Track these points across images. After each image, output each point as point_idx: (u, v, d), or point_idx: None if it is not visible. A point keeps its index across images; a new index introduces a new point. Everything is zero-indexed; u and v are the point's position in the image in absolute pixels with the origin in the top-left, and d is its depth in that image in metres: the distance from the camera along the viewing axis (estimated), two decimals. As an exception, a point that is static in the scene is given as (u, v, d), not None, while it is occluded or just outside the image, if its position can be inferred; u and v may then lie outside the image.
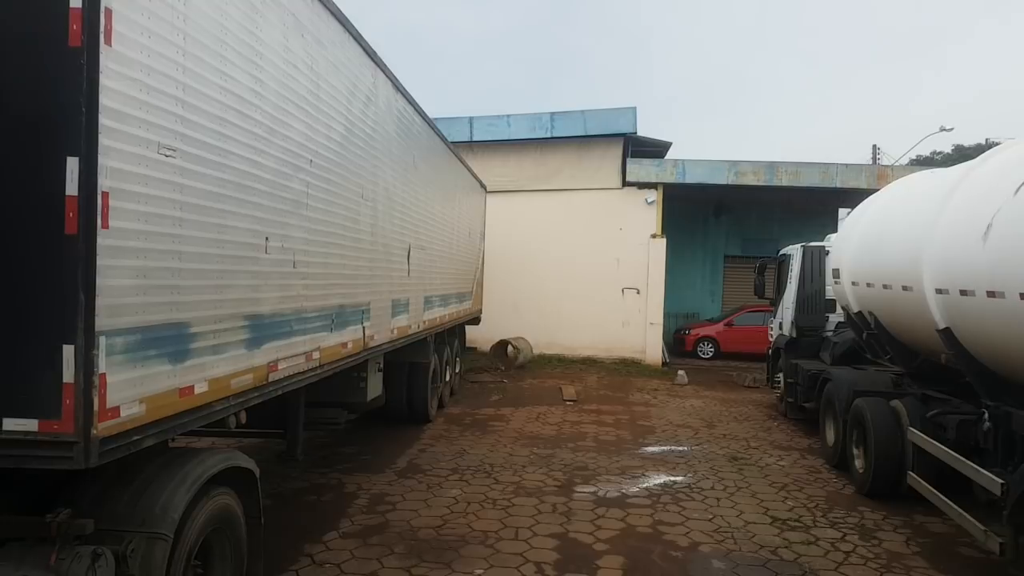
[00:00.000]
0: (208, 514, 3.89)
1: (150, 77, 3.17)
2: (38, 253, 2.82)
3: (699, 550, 6.03)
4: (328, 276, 5.67)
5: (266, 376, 4.52)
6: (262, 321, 4.41)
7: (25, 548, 3.22)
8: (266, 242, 4.44)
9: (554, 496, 7.38)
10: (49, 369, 2.81)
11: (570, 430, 10.71)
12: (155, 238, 3.24)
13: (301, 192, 4.98)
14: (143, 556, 3.39)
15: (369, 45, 6.47)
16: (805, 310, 11.59)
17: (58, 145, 2.80)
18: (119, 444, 3.06)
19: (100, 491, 3.51)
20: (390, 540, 6.05)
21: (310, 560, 5.58)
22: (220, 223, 3.84)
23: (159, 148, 3.25)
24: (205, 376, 3.74)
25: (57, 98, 2.80)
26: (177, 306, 3.45)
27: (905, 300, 6.89)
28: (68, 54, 2.80)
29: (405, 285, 8.53)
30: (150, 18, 3.16)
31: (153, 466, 3.69)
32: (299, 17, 4.84)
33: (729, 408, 12.89)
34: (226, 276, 3.95)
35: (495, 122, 19.37)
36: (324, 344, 5.63)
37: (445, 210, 11.01)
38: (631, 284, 18.71)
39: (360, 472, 8.06)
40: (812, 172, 17.88)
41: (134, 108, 3.06)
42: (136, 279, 3.11)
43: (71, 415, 2.82)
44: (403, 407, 10.36)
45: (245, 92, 4.09)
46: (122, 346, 3.02)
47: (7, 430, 2.85)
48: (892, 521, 6.81)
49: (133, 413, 3.13)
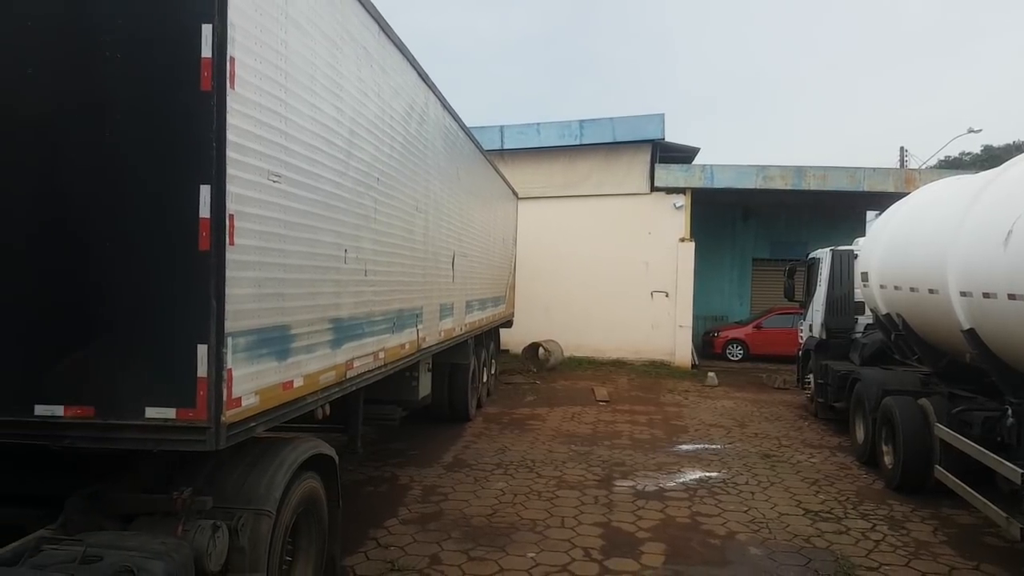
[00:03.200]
0: (299, 496, 4.37)
1: (262, 114, 3.68)
2: (177, 267, 3.32)
3: (736, 538, 6.42)
4: (390, 283, 6.17)
5: (344, 373, 5.02)
6: (342, 324, 4.91)
7: (154, 521, 3.73)
8: (345, 253, 4.93)
9: (595, 489, 7.81)
10: (185, 365, 3.31)
11: (605, 429, 11.12)
12: (267, 252, 3.75)
13: (371, 208, 5.48)
14: (251, 530, 3.88)
15: (422, 68, 6.96)
16: (834, 312, 11.89)
17: (193, 175, 3.29)
18: (240, 430, 3.56)
19: (212, 473, 4.01)
20: (446, 526, 6.53)
21: (376, 543, 6.07)
22: (312, 238, 4.34)
23: (268, 175, 3.75)
24: (301, 372, 4.24)
25: (192, 134, 3.30)
26: (282, 311, 3.95)
27: (931, 302, 7.22)
28: (201, 96, 3.30)
29: (450, 290, 9.02)
30: (261, 63, 3.67)
31: (254, 451, 4.18)
32: (368, 48, 5.34)
33: (760, 408, 13.21)
34: (316, 284, 4.45)
35: (525, 130, 19.86)
36: (387, 345, 6.13)
37: (483, 218, 11.50)
38: (660, 287, 19.06)
39: (411, 466, 8.55)
40: (840, 176, 18.11)
41: (251, 141, 3.56)
42: (253, 288, 3.62)
43: (204, 404, 3.32)
44: (445, 406, 10.86)
45: (329, 121, 4.59)
46: (243, 345, 3.52)
47: (149, 418, 3.35)
48: (920, 513, 7.15)
49: (251, 403, 3.63)
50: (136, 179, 3.34)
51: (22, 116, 3.41)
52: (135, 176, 3.34)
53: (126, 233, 3.34)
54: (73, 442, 3.42)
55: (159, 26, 3.31)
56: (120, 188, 3.35)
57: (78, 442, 3.42)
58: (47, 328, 3.42)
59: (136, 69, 3.33)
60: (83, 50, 3.36)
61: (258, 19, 3.61)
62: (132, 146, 3.35)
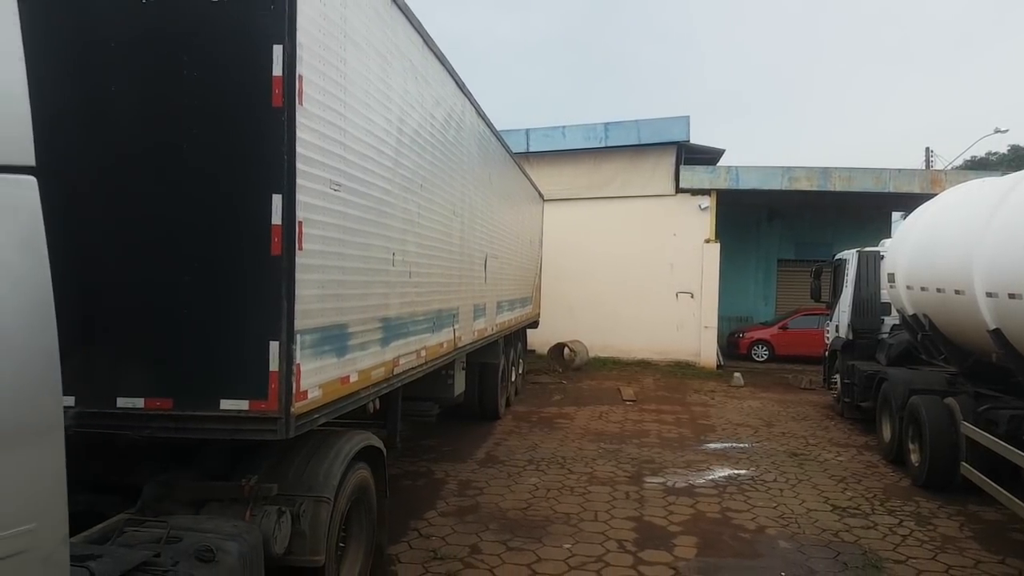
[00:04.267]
0: (353, 485, 4.64)
1: (325, 127, 3.95)
2: (250, 269, 3.59)
3: (766, 532, 6.60)
4: (431, 284, 6.43)
5: (392, 370, 5.29)
6: (390, 323, 5.18)
7: (223, 507, 4.02)
8: (392, 256, 5.20)
9: (626, 485, 8.01)
10: (258, 361, 3.58)
11: (633, 428, 11.31)
12: (328, 256, 4.02)
13: (415, 212, 5.75)
14: (312, 516, 4.15)
15: (459, 77, 7.22)
16: (861, 313, 11.98)
17: (266, 185, 3.57)
18: (306, 421, 3.83)
19: (274, 462, 4.29)
20: (483, 518, 6.77)
21: (417, 533, 6.34)
22: (365, 242, 4.61)
23: (330, 184, 4.03)
24: (356, 368, 4.51)
25: (264, 148, 3.58)
26: (340, 311, 4.22)
27: (957, 303, 7.34)
28: (272, 112, 3.57)
29: (483, 291, 9.27)
30: (324, 80, 3.94)
31: (312, 442, 4.45)
32: (413, 61, 5.61)
33: (786, 408, 13.33)
34: (369, 286, 4.73)
35: (550, 133, 20.08)
36: (428, 344, 6.39)
37: (512, 220, 11.74)
38: (685, 288, 19.18)
39: (445, 461, 8.81)
40: (865, 177, 18.13)
41: (316, 153, 3.83)
42: (318, 289, 3.89)
43: (275, 397, 3.59)
44: (475, 405, 11.12)
45: (380, 132, 4.87)
46: (309, 342, 3.79)
47: (223, 409, 3.63)
48: (946, 510, 7.28)
49: (315, 396, 3.90)
50: (212, 189, 3.62)
51: (108, 131, 3.70)
52: (211, 186, 3.63)
53: (204, 239, 3.62)
54: (153, 432, 3.71)
55: (234, 47, 3.59)
56: (198, 197, 3.64)
57: (158, 432, 3.70)
58: (129, 326, 3.71)
59: (212, 86, 3.61)
60: (163, 69, 3.65)
61: (322, 39, 3.88)
62: (209, 158, 3.63)
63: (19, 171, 2.17)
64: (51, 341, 2.24)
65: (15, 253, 2.14)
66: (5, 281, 2.11)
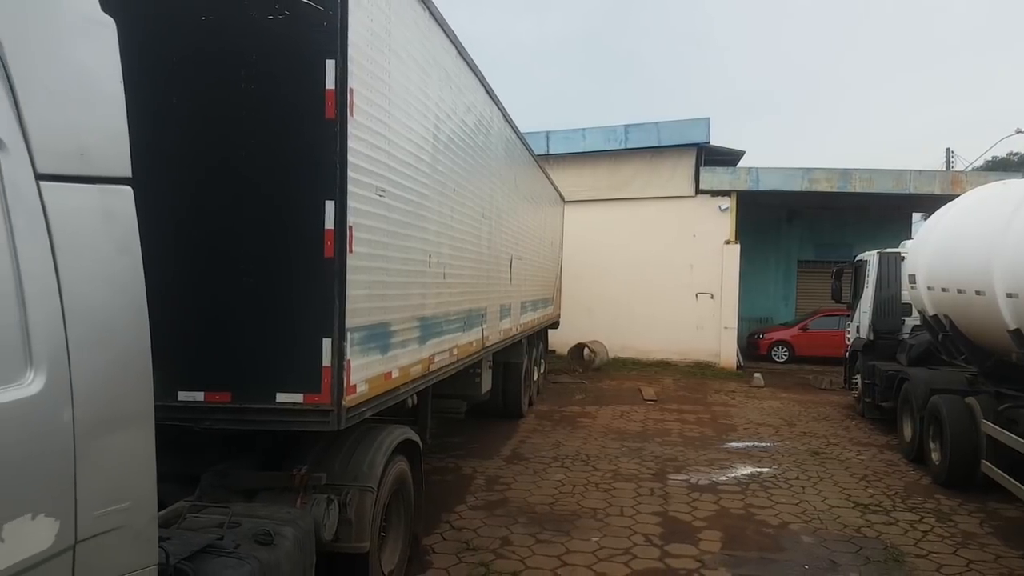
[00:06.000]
0: (393, 476, 4.87)
1: (372, 137, 4.18)
2: (305, 271, 3.83)
3: (789, 528, 6.76)
4: (462, 285, 6.66)
5: (428, 367, 5.51)
6: (427, 322, 5.40)
7: (275, 495, 4.25)
8: (429, 258, 5.43)
9: (650, 482, 8.19)
10: (312, 356, 3.81)
11: (655, 427, 11.47)
12: (374, 259, 4.25)
13: (448, 216, 5.98)
14: (357, 504, 4.37)
15: (489, 84, 7.44)
16: (882, 314, 12.07)
17: (319, 192, 3.80)
18: (355, 413, 4.07)
19: (320, 453, 4.52)
20: (512, 512, 6.98)
21: (449, 525, 6.56)
22: (405, 245, 4.84)
23: (376, 191, 4.26)
24: (397, 365, 4.74)
25: (318, 157, 3.81)
26: (384, 310, 4.45)
27: (978, 304, 7.45)
28: (325, 124, 3.81)
29: (508, 292, 9.48)
30: (372, 92, 4.17)
31: (355, 435, 4.67)
32: (448, 70, 5.83)
33: (807, 409, 13.42)
34: (408, 287, 4.96)
35: (571, 135, 20.26)
36: (459, 342, 6.61)
37: (535, 222, 11.95)
38: (705, 289, 19.28)
39: (472, 458, 9.03)
40: (886, 179, 18.16)
41: (364, 162, 4.07)
42: (365, 290, 4.12)
43: (328, 390, 3.82)
44: (499, 403, 11.31)
45: (418, 139, 5.09)
46: (358, 340, 4.03)
47: (279, 402, 3.86)
48: (967, 507, 7.39)
49: (363, 391, 4.14)
50: (269, 196, 3.86)
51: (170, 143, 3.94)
52: (268, 193, 3.87)
53: (262, 243, 3.86)
54: (212, 424, 3.95)
55: (288, 62, 3.83)
56: (255, 204, 3.88)
57: (217, 424, 3.94)
58: (191, 323, 3.95)
59: (268, 100, 3.85)
60: (222, 84, 3.89)
61: (370, 53, 4.11)
62: (265, 167, 3.87)
63: (118, 182, 2.41)
64: (145, 337, 2.48)
65: (116, 256, 2.38)
66: (108, 283, 2.35)
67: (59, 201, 2.22)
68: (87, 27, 2.36)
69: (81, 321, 2.25)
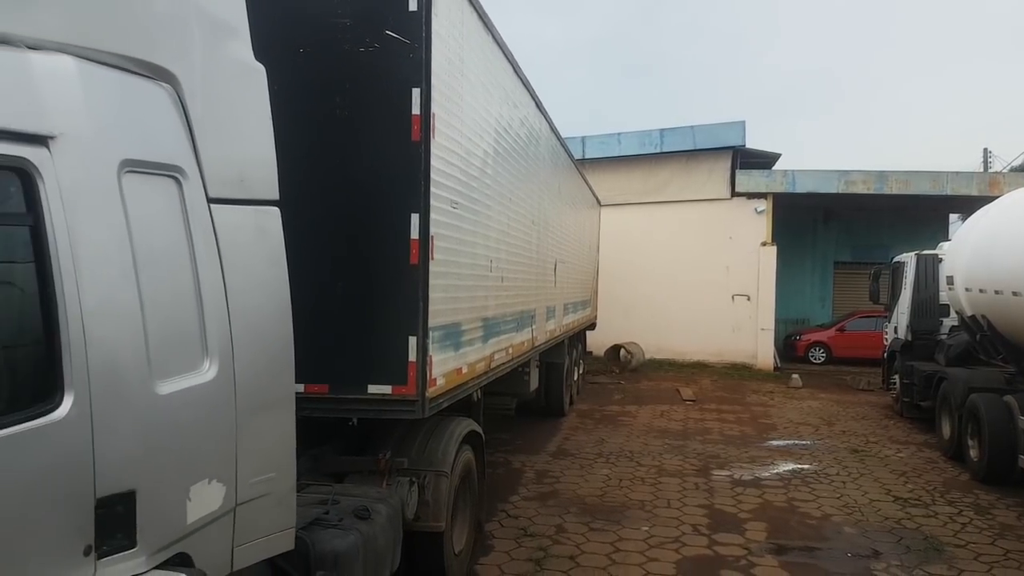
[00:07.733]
0: (462, 463, 5.30)
1: (448, 155, 4.63)
2: (393, 276, 4.28)
3: (831, 520, 7.06)
4: (516, 288, 7.09)
5: (489, 364, 5.95)
6: (488, 323, 5.84)
7: (362, 478, 4.71)
8: (490, 263, 5.87)
9: (694, 477, 8.53)
10: (400, 352, 4.26)
11: (695, 425, 11.78)
12: (449, 264, 4.70)
13: (506, 223, 6.41)
14: (434, 487, 4.81)
15: (538, 97, 7.87)
16: (920, 315, 12.23)
17: (406, 206, 4.25)
18: (435, 404, 4.51)
19: (399, 440, 4.96)
20: (564, 503, 7.38)
21: (506, 514, 6.98)
22: (472, 251, 5.29)
23: (451, 204, 4.71)
24: (466, 361, 5.18)
25: (405, 174, 4.26)
26: (456, 311, 4.90)
27: (1016, 304, 7.68)
28: (411, 145, 4.26)
29: (553, 294, 9.89)
30: (448, 114, 4.61)
31: (428, 424, 5.11)
32: (506, 88, 6.27)
33: (846, 408, 13.61)
34: (474, 290, 5.40)
35: (606, 140, 20.59)
36: (513, 342, 7.04)
37: (575, 227, 12.34)
38: (741, 291, 19.45)
39: (520, 453, 9.45)
40: (922, 180, 18.19)
41: (444, 178, 4.52)
42: (443, 293, 4.57)
43: (414, 383, 4.27)
44: (542, 402, 11.72)
45: (482, 153, 5.54)
46: (438, 338, 4.47)
47: (370, 393, 4.32)
48: (1005, 501, 7.62)
49: (441, 384, 4.58)
50: (362, 210, 4.32)
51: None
52: (361, 208, 4.32)
53: (354, 252, 4.32)
54: (312, 412, 4.40)
55: (378, 90, 4.29)
56: (348, 218, 4.34)
57: (315, 412, 4.39)
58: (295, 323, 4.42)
59: (361, 125, 4.31)
60: (319, 111, 4.36)
61: (448, 80, 4.56)
62: (357, 185, 4.33)
63: (269, 203, 2.88)
64: (289, 336, 2.94)
65: (267, 267, 2.84)
66: (262, 289, 2.81)
67: (225, 220, 2.69)
68: (245, 72, 2.83)
69: (241, 320, 2.72)
